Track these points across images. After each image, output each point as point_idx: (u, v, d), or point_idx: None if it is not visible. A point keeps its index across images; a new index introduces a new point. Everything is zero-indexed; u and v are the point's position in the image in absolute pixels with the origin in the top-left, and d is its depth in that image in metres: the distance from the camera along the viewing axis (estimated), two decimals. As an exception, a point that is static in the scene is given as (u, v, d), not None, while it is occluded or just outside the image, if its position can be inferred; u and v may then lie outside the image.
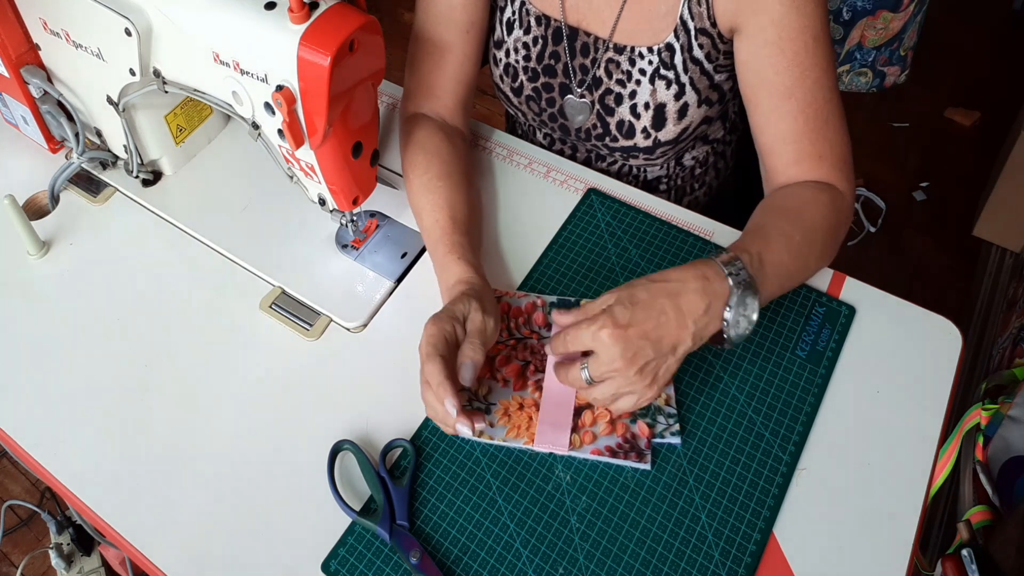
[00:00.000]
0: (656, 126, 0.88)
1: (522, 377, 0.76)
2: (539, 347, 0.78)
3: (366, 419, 0.75)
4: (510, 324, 0.79)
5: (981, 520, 1.05)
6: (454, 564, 0.67)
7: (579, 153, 1.00)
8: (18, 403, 0.77)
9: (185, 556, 0.68)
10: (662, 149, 0.90)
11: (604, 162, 0.99)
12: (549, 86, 0.92)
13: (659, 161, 0.93)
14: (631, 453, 0.71)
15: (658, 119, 0.87)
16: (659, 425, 0.72)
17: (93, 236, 0.90)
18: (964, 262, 1.90)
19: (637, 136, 0.89)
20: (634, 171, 0.99)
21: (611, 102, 0.89)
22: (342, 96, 0.69)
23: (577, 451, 0.71)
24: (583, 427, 0.72)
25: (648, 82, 0.85)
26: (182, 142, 0.94)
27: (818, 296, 0.81)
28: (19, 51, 0.87)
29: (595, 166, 0.99)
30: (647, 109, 0.87)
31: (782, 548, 0.67)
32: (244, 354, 0.80)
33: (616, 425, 0.72)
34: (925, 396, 0.74)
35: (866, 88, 2.20)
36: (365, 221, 0.88)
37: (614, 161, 0.98)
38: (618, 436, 0.72)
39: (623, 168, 0.98)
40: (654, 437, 0.72)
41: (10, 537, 1.58)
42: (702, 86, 0.85)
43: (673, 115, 0.87)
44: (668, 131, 0.88)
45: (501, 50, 0.93)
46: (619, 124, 0.89)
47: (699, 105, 0.87)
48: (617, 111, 0.89)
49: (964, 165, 2.08)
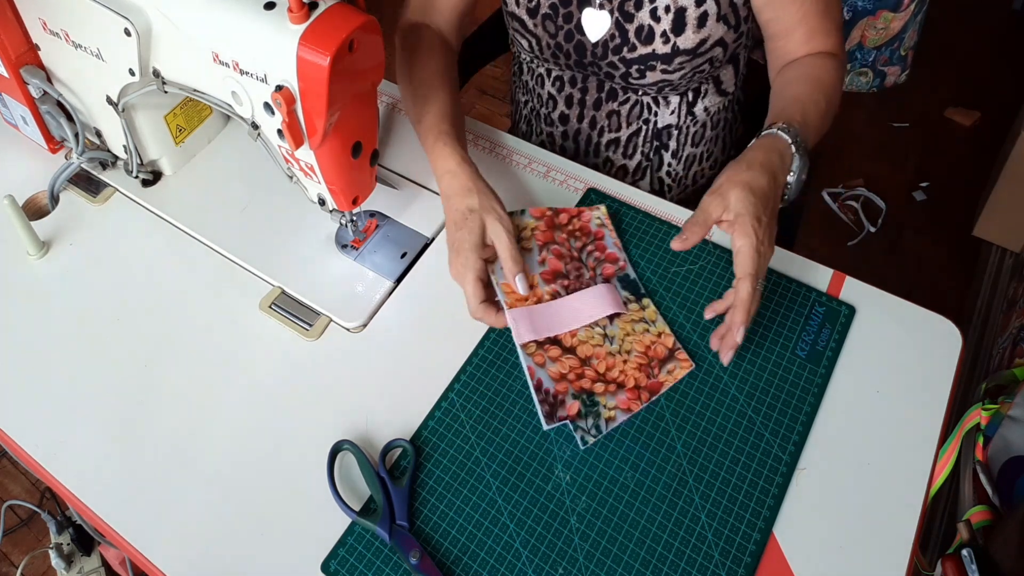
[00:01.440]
0: (676, 30, 0.89)
1: (552, 278, 0.81)
2: (574, 284, 0.81)
3: (366, 419, 0.75)
4: (573, 240, 0.84)
5: (981, 520, 1.05)
6: (454, 564, 0.67)
7: (589, 94, 1.00)
8: (18, 403, 0.77)
9: (185, 556, 0.68)
10: (680, 59, 0.91)
11: (616, 100, 0.99)
12: (567, 0, 0.92)
13: (675, 76, 0.93)
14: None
15: (678, 23, 0.88)
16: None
17: (93, 236, 0.90)
18: (964, 262, 1.90)
19: (656, 41, 0.90)
20: (646, 113, 0.99)
21: (631, 7, 0.89)
22: (341, 96, 0.69)
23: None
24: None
25: None
26: (182, 142, 0.94)
27: (818, 296, 0.81)
28: (19, 51, 0.87)
29: (605, 107, 0.99)
30: (667, 12, 0.88)
31: (782, 548, 0.67)
32: (244, 354, 0.80)
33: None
34: (925, 396, 0.74)
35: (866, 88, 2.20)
36: (365, 221, 0.88)
37: (627, 99, 0.98)
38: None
39: (635, 108, 0.99)
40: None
41: (10, 537, 1.58)
42: (724, 2, 0.88)
43: (693, 21, 0.88)
44: (687, 38, 0.89)
45: None
46: (638, 30, 0.90)
47: (717, 20, 0.88)
48: (637, 16, 0.89)
49: (964, 165, 2.08)
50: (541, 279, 0.81)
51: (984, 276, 1.79)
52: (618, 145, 1.02)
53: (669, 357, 0.77)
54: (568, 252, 0.83)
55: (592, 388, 0.75)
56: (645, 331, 0.78)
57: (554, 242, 0.84)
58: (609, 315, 0.79)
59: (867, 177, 2.07)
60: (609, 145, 1.03)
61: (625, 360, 0.76)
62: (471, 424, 0.74)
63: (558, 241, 0.84)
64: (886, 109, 2.21)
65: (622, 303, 0.80)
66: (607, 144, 1.03)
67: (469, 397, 0.76)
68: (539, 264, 0.82)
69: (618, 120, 1.00)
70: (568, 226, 0.86)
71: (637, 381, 0.75)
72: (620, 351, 0.77)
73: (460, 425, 0.74)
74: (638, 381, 0.75)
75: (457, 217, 0.80)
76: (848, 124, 2.19)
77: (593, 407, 0.74)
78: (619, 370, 0.76)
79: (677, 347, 0.77)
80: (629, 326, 0.79)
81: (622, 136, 1.01)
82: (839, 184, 2.06)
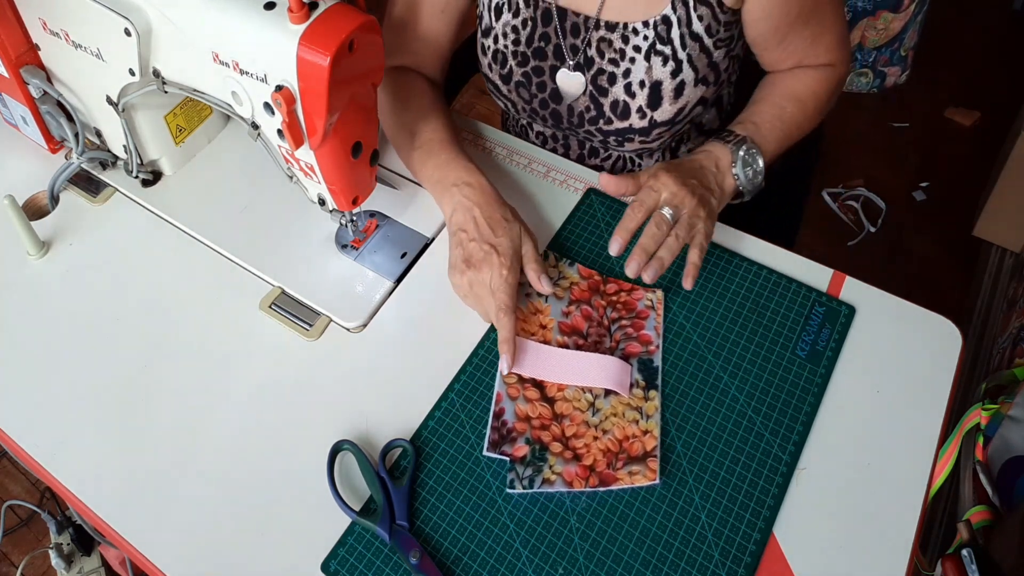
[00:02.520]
0: (652, 105, 0.87)
1: (569, 332, 0.79)
2: (588, 346, 0.79)
3: (366, 419, 0.75)
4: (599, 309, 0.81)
5: (981, 520, 1.05)
6: (454, 564, 0.67)
7: (571, 151, 1.00)
8: (18, 403, 0.77)
9: (185, 556, 0.68)
10: (658, 130, 0.89)
11: (598, 157, 0.98)
12: (539, 69, 0.91)
13: (655, 144, 0.92)
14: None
15: (654, 98, 0.87)
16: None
17: (93, 236, 0.90)
18: (964, 262, 1.89)
19: (632, 116, 0.88)
20: (629, 166, 0.98)
21: (604, 82, 0.88)
22: (341, 96, 0.69)
23: None
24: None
25: (643, 59, 0.85)
26: (182, 142, 0.94)
27: (818, 296, 0.81)
28: (19, 51, 0.87)
29: (588, 163, 0.99)
30: (642, 88, 0.86)
31: (782, 548, 0.67)
32: (244, 354, 0.80)
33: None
34: (925, 396, 0.74)
35: (867, 88, 2.20)
36: (365, 221, 0.88)
37: (608, 156, 0.97)
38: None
39: (618, 163, 0.98)
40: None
41: (10, 537, 1.58)
42: (700, 64, 0.85)
43: (670, 94, 0.86)
44: (664, 111, 0.87)
45: (489, 37, 0.92)
46: (613, 104, 0.89)
47: (695, 84, 0.87)
48: (611, 91, 0.88)
49: (964, 165, 2.08)
50: (558, 327, 0.79)
51: (984, 276, 1.79)
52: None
53: (640, 459, 0.70)
54: (598, 318, 0.80)
55: (549, 444, 0.72)
56: (634, 421, 0.73)
57: (589, 303, 0.81)
58: (605, 389, 0.75)
59: (867, 177, 2.07)
60: None
61: (596, 437, 0.72)
62: (471, 424, 0.74)
63: (594, 305, 0.81)
64: (886, 109, 2.21)
65: (628, 387, 0.75)
66: None
67: (469, 397, 0.76)
68: (562, 315, 0.80)
69: (603, 168, 0.99)
70: (613, 297, 0.81)
71: (595, 463, 0.71)
72: (598, 427, 0.73)
73: (460, 425, 0.74)
74: (596, 464, 0.70)
75: (494, 224, 0.79)
76: (848, 124, 2.18)
77: (540, 461, 0.71)
78: (584, 443, 0.72)
79: (654, 455, 0.70)
80: (621, 408, 0.74)
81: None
82: (839, 184, 2.06)
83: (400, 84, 0.92)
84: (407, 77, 0.93)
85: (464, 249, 0.79)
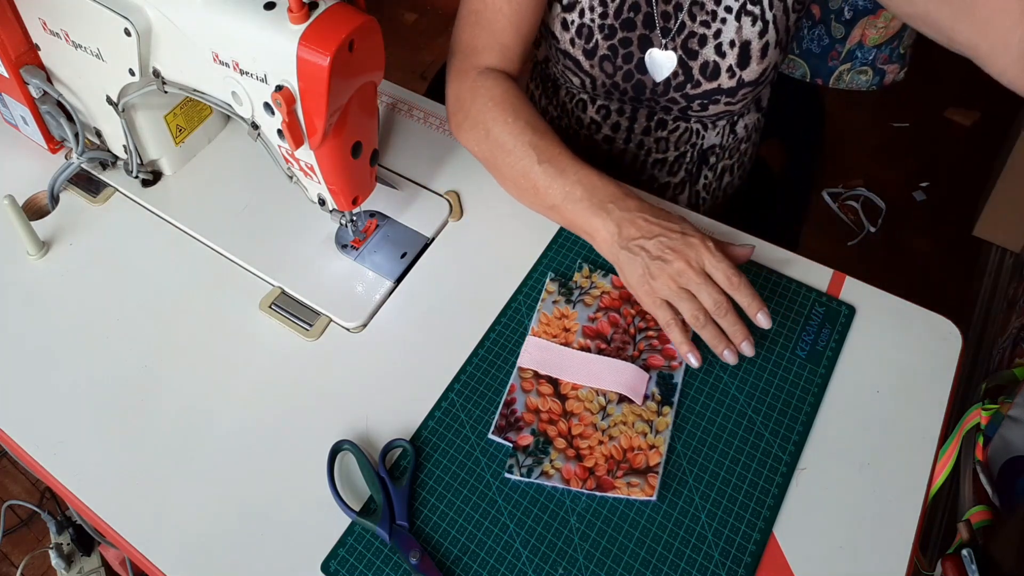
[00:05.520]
0: (741, 64, 0.88)
1: (593, 336, 0.78)
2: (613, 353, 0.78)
3: (366, 419, 0.75)
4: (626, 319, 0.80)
5: (981, 520, 1.05)
6: (454, 564, 0.67)
7: (637, 123, 0.98)
8: (18, 403, 0.77)
9: (185, 556, 0.68)
10: (744, 91, 0.90)
11: (665, 129, 0.98)
12: (627, 40, 0.90)
13: (737, 106, 0.92)
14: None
15: (743, 57, 0.87)
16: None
17: (93, 236, 0.90)
18: (964, 262, 1.90)
19: (722, 76, 0.88)
20: (693, 138, 0.98)
21: (695, 45, 0.88)
22: (341, 96, 0.69)
23: None
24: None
25: (734, 19, 0.86)
26: (182, 142, 0.94)
27: (818, 296, 0.81)
28: (19, 51, 0.87)
29: (653, 135, 0.98)
30: (732, 47, 0.87)
31: (782, 548, 0.67)
32: (244, 354, 0.80)
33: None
34: (925, 396, 0.74)
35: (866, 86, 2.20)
36: (365, 221, 0.88)
37: (675, 128, 0.97)
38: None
39: (683, 136, 0.98)
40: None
41: (10, 537, 1.58)
42: (781, 27, 0.86)
43: (757, 53, 0.87)
44: (752, 70, 0.88)
45: (573, 12, 0.90)
46: (703, 66, 0.89)
47: (775, 46, 0.87)
48: (701, 53, 0.88)
49: (964, 165, 2.08)
50: (582, 331, 0.78)
51: (984, 276, 1.79)
52: (664, 164, 1.02)
53: (641, 472, 0.70)
54: (624, 326, 0.79)
55: (553, 439, 0.72)
56: (642, 433, 0.72)
57: (618, 311, 0.80)
58: (620, 395, 0.74)
59: (867, 177, 2.07)
60: (655, 164, 1.02)
61: (602, 442, 0.72)
62: (471, 424, 0.74)
63: (622, 313, 0.80)
64: (886, 109, 2.21)
65: (642, 395, 0.74)
66: (652, 163, 1.02)
67: (469, 397, 0.76)
68: (588, 320, 0.79)
69: (666, 144, 1.00)
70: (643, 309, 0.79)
71: (596, 467, 0.70)
72: (605, 431, 0.72)
73: (460, 425, 0.74)
74: (596, 468, 0.70)
75: (664, 217, 0.76)
76: (848, 124, 2.19)
77: (542, 453, 0.71)
78: (589, 445, 0.71)
79: (656, 471, 0.70)
80: (632, 418, 0.73)
81: (669, 157, 1.01)
82: (839, 184, 2.06)
83: (508, 95, 0.85)
84: (506, 85, 0.86)
85: (648, 251, 0.73)
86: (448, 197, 0.91)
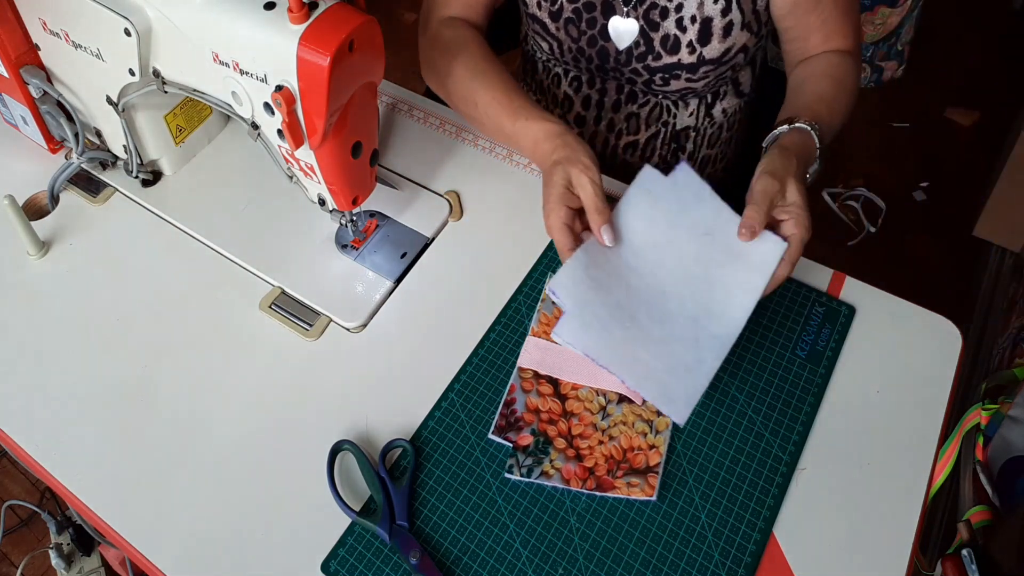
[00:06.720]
0: (702, 40, 0.88)
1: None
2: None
3: (366, 419, 0.75)
4: None
5: (981, 520, 1.05)
6: (454, 564, 0.67)
7: (608, 96, 0.99)
8: (18, 403, 0.77)
9: (185, 556, 0.68)
10: (705, 68, 0.90)
11: (636, 103, 0.98)
12: (591, 5, 0.91)
13: (699, 84, 0.93)
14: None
15: (704, 34, 0.88)
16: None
17: (93, 236, 0.90)
18: (964, 262, 1.89)
19: (682, 51, 0.89)
20: (665, 115, 0.98)
21: (656, 16, 0.89)
22: (341, 96, 0.69)
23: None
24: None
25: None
26: (182, 142, 0.94)
27: (818, 296, 0.81)
28: (19, 51, 0.87)
29: (624, 109, 0.99)
30: (693, 23, 0.87)
31: (782, 548, 0.67)
32: (244, 354, 0.80)
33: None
34: (925, 396, 0.74)
35: (865, 84, 2.20)
36: (365, 221, 0.88)
37: (646, 102, 0.98)
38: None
39: (655, 111, 0.98)
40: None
41: (10, 537, 1.58)
42: (747, 8, 0.87)
43: (719, 31, 0.88)
44: (713, 47, 0.89)
45: None
46: (664, 39, 0.89)
47: (741, 28, 0.88)
48: (663, 25, 0.89)
49: (964, 165, 2.08)
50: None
51: (984, 276, 1.79)
52: (636, 148, 1.02)
53: (641, 472, 0.70)
54: None
55: (553, 439, 0.72)
56: (642, 433, 0.72)
57: None
58: (620, 395, 0.75)
59: (867, 177, 2.07)
60: (627, 148, 1.02)
61: (602, 442, 0.72)
62: (471, 424, 0.74)
63: None
64: (886, 109, 2.21)
65: (641, 396, 0.74)
66: (624, 147, 1.02)
67: (469, 397, 0.76)
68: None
69: (637, 123, 1.00)
70: None
71: (596, 467, 0.70)
72: (605, 431, 0.72)
73: (460, 425, 0.74)
74: (596, 468, 0.70)
75: (544, 174, 0.78)
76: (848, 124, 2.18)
77: (542, 454, 0.71)
78: (589, 445, 0.72)
79: (656, 471, 0.70)
80: (632, 418, 0.73)
81: (640, 139, 1.01)
82: (839, 184, 2.06)
83: (449, 39, 0.92)
84: (456, 31, 0.93)
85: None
86: (448, 197, 0.91)
